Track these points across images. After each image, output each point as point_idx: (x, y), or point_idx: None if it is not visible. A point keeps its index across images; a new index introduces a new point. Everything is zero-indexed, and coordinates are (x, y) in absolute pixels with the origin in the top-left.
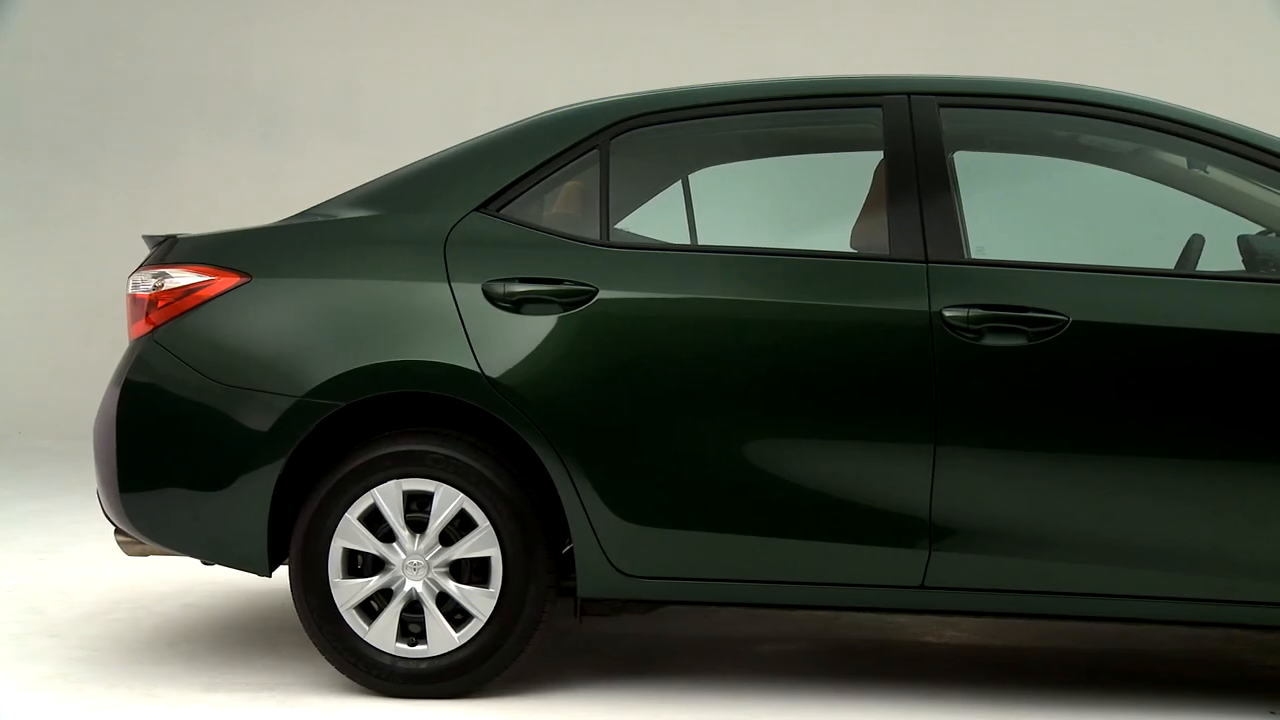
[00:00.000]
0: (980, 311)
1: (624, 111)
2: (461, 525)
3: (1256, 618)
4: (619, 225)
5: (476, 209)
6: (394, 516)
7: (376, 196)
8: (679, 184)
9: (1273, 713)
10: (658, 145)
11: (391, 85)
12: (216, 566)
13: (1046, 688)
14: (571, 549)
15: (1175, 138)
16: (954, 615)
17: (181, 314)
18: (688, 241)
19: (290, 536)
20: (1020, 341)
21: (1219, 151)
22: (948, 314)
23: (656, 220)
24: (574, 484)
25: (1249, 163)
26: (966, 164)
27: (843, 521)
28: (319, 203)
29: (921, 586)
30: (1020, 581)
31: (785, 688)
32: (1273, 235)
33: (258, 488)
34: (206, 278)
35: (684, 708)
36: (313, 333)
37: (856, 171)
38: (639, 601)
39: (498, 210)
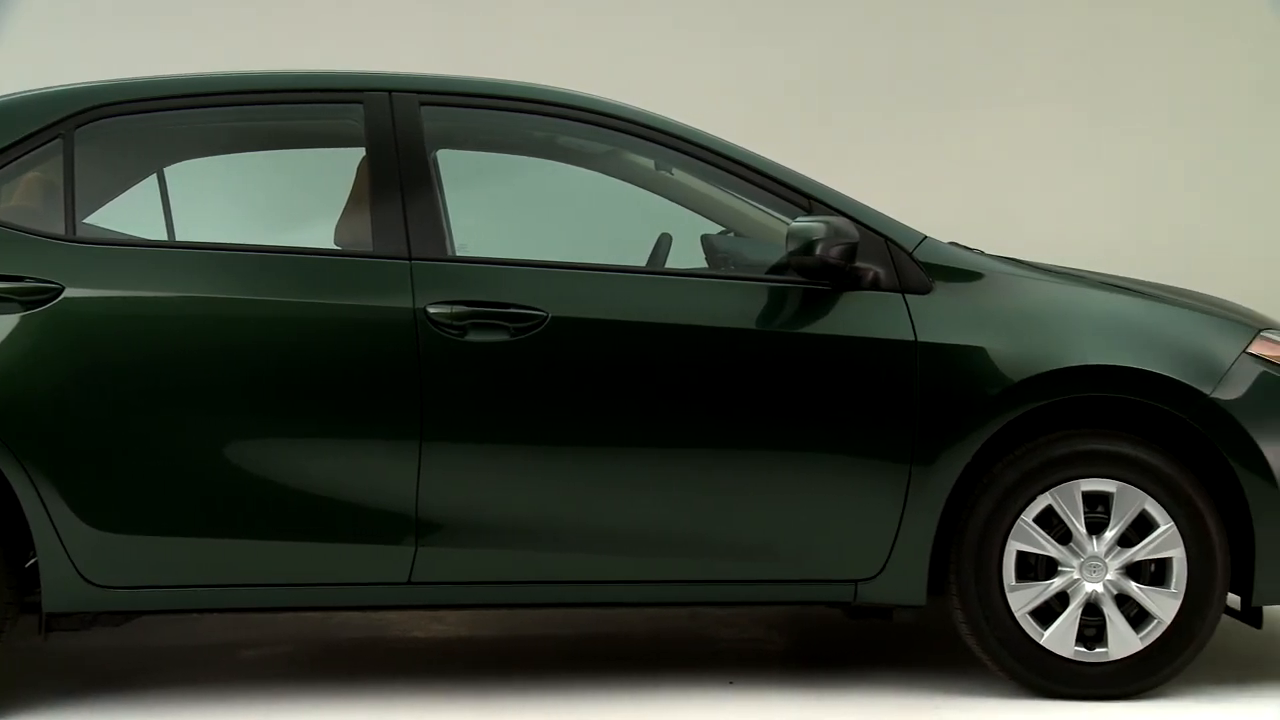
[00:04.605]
0: (464, 308)
1: (90, 99)
2: None
3: (720, 595)
4: (87, 220)
5: None
6: None
7: None
8: (154, 177)
9: (732, 682)
10: (129, 136)
11: None
12: None
13: (531, 674)
14: (36, 562)
15: (642, 140)
16: (441, 609)
17: None
18: (164, 237)
19: None
20: (503, 337)
21: (681, 155)
22: (432, 310)
23: (129, 215)
24: (39, 493)
25: (707, 165)
26: (450, 162)
27: (328, 521)
28: None
29: (409, 582)
30: (505, 572)
31: (270, 692)
32: (731, 234)
33: None
34: None
35: None
36: None
37: (341, 167)
38: (113, 613)
39: None
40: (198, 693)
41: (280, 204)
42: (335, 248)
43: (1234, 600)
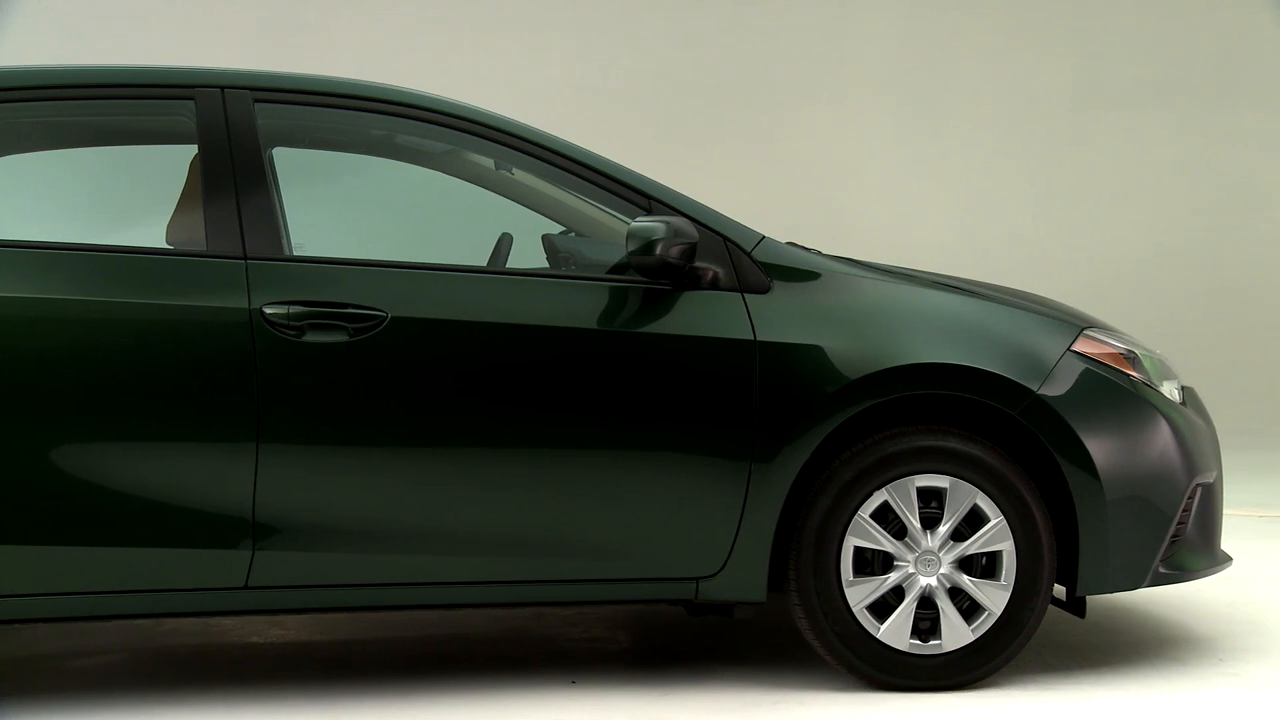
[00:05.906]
0: (301, 308)
1: None
2: None
3: (563, 595)
4: None
5: None
6: None
7: None
8: None
9: (574, 682)
10: None
11: None
12: None
13: (372, 678)
14: None
15: (481, 140)
16: (280, 614)
17: None
18: None
19: None
20: (341, 338)
21: (521, 154)
22: (268, 311)
23: None
24: None
25: (547, 165)
26: (286, 160)
27: (161, 526)
28: None
29: (245, 587)
30: (345, 575)
31: (104, 701)
32: (572, 234)
33: None
34: None
35: None
36: None
37: (173, 164)
38: None
39: None
40: (27, 705)
41: (110, 202)
42: (168, 247)
43: (1060, 591)
